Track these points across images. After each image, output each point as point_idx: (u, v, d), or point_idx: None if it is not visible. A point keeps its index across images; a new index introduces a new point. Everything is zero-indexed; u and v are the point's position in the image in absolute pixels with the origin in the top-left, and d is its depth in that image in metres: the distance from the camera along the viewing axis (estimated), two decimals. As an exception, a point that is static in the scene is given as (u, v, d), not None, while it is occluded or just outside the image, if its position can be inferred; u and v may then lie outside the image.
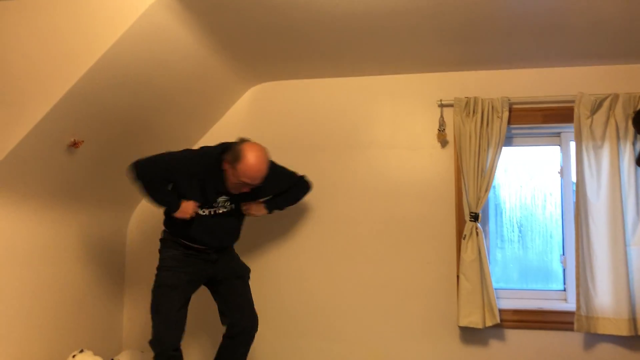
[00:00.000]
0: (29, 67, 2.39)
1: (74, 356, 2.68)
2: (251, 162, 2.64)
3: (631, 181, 3.04)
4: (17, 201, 2.65)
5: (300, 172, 3.47)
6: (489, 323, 3.10)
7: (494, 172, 3.15)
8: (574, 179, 3.18)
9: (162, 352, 2.74)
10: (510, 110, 3.19)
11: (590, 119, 3.09)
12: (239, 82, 3.45)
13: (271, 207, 3.06)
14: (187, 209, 2.76)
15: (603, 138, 3.08)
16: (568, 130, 3.28)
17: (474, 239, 3.13)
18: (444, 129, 3.31)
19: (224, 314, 2.99)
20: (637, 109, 3.03)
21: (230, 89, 3.45)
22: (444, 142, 3.34)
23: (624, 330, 2.94)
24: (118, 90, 2.65)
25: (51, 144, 2.57)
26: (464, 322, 3.12)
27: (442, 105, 3.32)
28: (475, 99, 3.20)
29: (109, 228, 3.43)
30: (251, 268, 3.42)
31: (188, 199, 2.76)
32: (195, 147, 3.58)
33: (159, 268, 2.85)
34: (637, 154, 3.05)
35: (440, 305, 3.25)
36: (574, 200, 3.13)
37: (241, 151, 2.65)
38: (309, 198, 3.42)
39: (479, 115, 3.18)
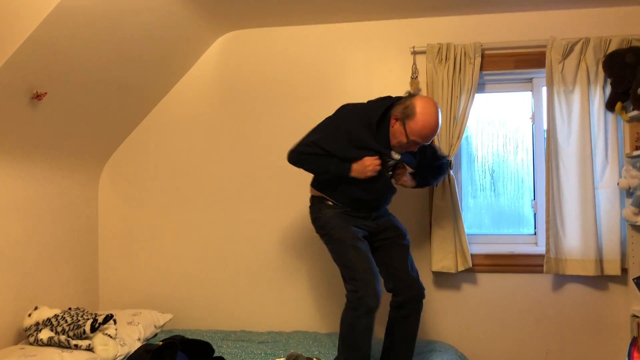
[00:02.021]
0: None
1: (30, 314, 2.66)
2: (425, 119, 2.41)
3: (600, 125, 3.07)
4: (-19, 156, 2.59)
5: (273, 122, 3.44)
6: (461, 268, 3.16)
7: (466, 119, 3.15)
8: (545, 124, 3.19)
9: (377, 303, 2.41)
10: (482, 56, 3.17)
11: (561, 64, 3.09)
12: (207, 30, 3.36)
13: (419, 182, 2.78)
14: (365, 166, 2.51)
15: (574, 83, 3.09)
16: (540, 75, 3.27)
17: (447, 186, 3.16)
18: (417, 77, 3.29)
19: (387, 279, 2.64)
20: (608, 52, 3.03)
21: (198, 37, 3.36)
22: (417, 90, 3.31)
23: (591, 271, 3.03)
24: (80, 40, 2.56)
25: (13, 97, 2.49)
26: (437, 267, 3.18)
27: (414, 52, 3.29)
28: (448, 45, 3.18)
29: (80, 182, 3.38)
30: (225, 220, 3.42)
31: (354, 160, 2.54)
32: (164, 98, 3.55)
33: (326, 233, 2.62)
34: (607, 98, 3.07)
35: (413, 252, 3.25)
36: (545, 145, 3.16)
37: (414, 107, 2.43)
38: (284, 150, 3.40)
39: (452, 61, 3.16)
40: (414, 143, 2.50)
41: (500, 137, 3.42)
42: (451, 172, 3.16)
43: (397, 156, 2.60)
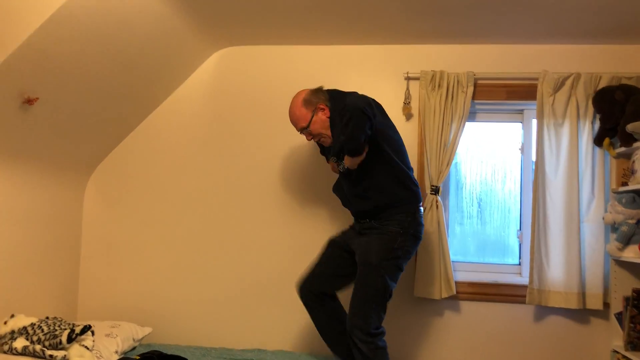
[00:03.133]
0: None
1: (5, 322, 2.61)
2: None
3: (588, 159, 3.10)
4: (-33, 158, 2.56)
5: (264, 139, 3.43)
6: (445, 294, 3.15)
7: (456, 146, 3.18)
8: (534, 156, 3.22)
9: (299, 293, 2.77)
10: (474, 86, 3.21)
11: (552, 97, 3.14)
12: (205, 44, 3.37)
13: (335, 154, 2.69)
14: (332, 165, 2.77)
15: (564, 116, 3.13)
16: (531, 107, 3.31)
17: (434, 212, 3.17)
18: (410, 102, 3.31)
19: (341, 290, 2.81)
20: (598, 89, 3.08)
21: (195, 50, 3.37)
22: (408, 115, 3.34)
23: (573, 303, 3.04)
24: (75, 47, 2.56)
25: (3, 101, 2.47)
26: (421, 293, 3.17)
27: (408, 78, 3.32)
28: (442, 72, 3.21)
29: (66, 189, 3.34)
30: (208, 232, 3.40)
31: None
32: (156, 109, 3.55)
33: None
34: (595, 133, 3.11)
35: (398, 276, 3.29)
36: (533, 176, 3.18)
37: None
38: (281, 171, 3.40)
39: (444, 89, 3.19)
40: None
41: (489, 165, 3.45)
42: (439, 198, 3.17)
43: (332, 156, 2.74)
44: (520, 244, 3.37)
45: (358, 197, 2.68)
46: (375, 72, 3.39)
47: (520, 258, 3.36)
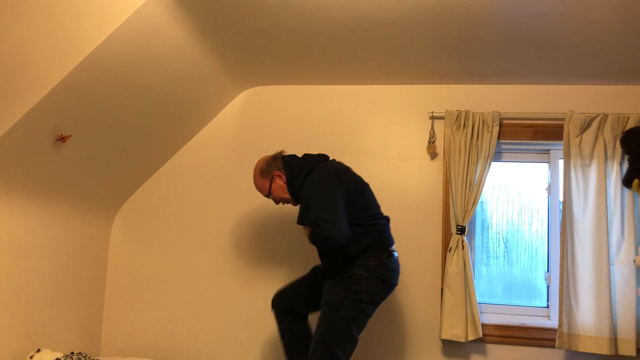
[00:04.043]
0: (19, 58, 2.36)
1: (31, 357, 2.62)
2: None
3: (617, 201, 3.05)
4: (1, 194, 2.61)
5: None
6: (471, 337, 3.09)
7: (482, 186, 3.16)
8: (561, 196, 3.19)
9: (272, 302, 2.88)
10: (500, 125, 3.21)
11: (579, 138, 3.12)
12: (232, 84, 3.44)
13: (311, 239, 2.64)
14: None
15: (591, 157, 3.10)
16: (557, 147, 3.29)
17: (460, 252, 3.13)
18: (434, 141, 3.32)
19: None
20: (626, 129, 3.05)
21: (222, 90, 3.44)
22: (433, 154, 3.35)
23: (604, 349, 2.94)
24: (108, 87, 2.63)
25: (38, 137, 2.54)
26: (447, 335, 3.11)
27: (433, 118, 3.33)
28: (467, 112, 3.22)
29: (93, 225, 3.39)
30: (235, 270, 3.40)
31: None
32: (183, 148, 3.61)
33: None
34: (624, 174, 3.07)
35: (423, 318, 3.24)
36: (561, 217, 3.14)
37: None
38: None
39: (470, 128, 3.19)
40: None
41: (515, 205, 3.42)
42: (465, 238, 3.14)
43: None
44: (548, 286, 3.30)
45: (328, 253, 2.72)
46: (400, 111, 3.42)
47: (548, 300, 3.29)
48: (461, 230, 3.14)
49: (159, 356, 3.33)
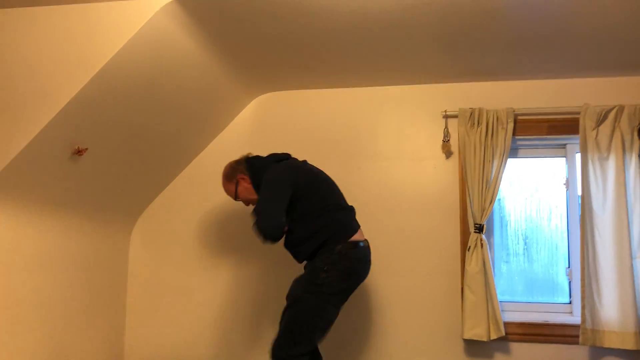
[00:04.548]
0: (33, 74, 2.40)
1: None
2: None
3: (637, 193, 3.02)
4: (21, 208, 2.65)
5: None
6: (493, 336, 3.06)
7: (499, 183, 3.14)
8: (579, 190, 3.15)
9: None
10: (515, 122, 3.19)
11: (595, 131, 3.08)
12: (244, 91, 3.46)
13: None
14: None
15: (609, 150, 3.07)
16: (573, 141, 3.26)
17: (479, 251, 3.11)
18: (449, 140, 3.30)
19: None
20: (643, 120, 3.02)
21: (235, 98, 3.45)
22: (448, 153, 3.33)
23: (629, 344, 2.90)
24: (122, 98, 2.66)
25: (55, 151, 2.57)
26: (469, 335, 3.09)
27: (446, 116, 3.32)
28: (480, 109, 3.20)
29: (112, 236, 3.42)
30: (254, 279, 3.40)
31: None
32: (198, 156, 3.63)
33: None
34: (643, 165, 3.03)
35: (444, 318, 3.22)
36: (580, 212, 3.11)
37: None
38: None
39: (484, 126, 3.17)
40: None
41: (533, 202, 3.39)
42: (483, 236, 3.12)
43: None
44: (570, 282, 3.26)
45: (294, 251, 2.77)
46: (413, 111, 3.41)
47: (570, 296, 3.25)
48: (479, 229, 3.12)
49: (181, 364, 3.35)
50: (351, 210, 2.79)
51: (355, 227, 2.74)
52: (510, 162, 3.31)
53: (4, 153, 2.41)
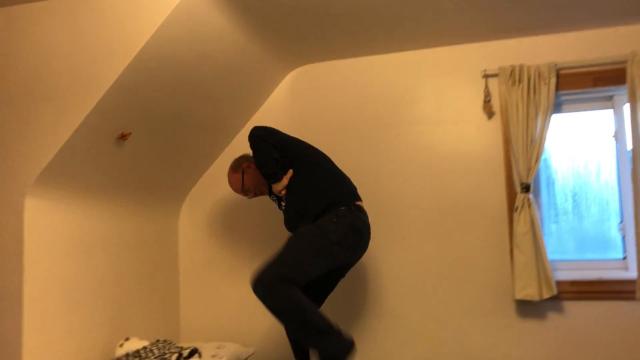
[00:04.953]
0: (73, 62, 2.46)
1: (121, 345, 2.76)
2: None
3: (692, 141, 2.90)
4: (74, 194, 2.74)
5: (345, 153, 3.44)
6: (545, 295, 3.02)
7: (544, 140, 3.06)
8: (629, 142, 3.05)
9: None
10: (558, 76, 3.09)
11: (644, 79, 2.96)
12: (278, 66, 3.45)
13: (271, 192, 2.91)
14: None
15: (659, 98, 2.95)
16: (621, 92, 3.14)
17: (526, 211, 3.06)
18: (490, 100, 3.23)
19: None
20: (695, 65, 2.88)
21: (270, 73, 3.46)
22: (490, 114, 3.26)
23: (690, 297, 2.83)
24: (160, 82, 2.69)
25: (100, 138, 2.64)
26: (520, 295, 3.06)
27: (486, 76, 3.25)
28: (521, 66, 3.11)
29: (161, 217, 3.52)
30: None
31: None
32: (238, 135, 3.66)
33: None
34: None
35: (494, 280, 3.20)
36: (631, 164, 3.01)
37: None
38: (355, 180, 3.42)
39: (525, 83, 3.09)
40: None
41: (581, 157, 3.29)
42: (530, 196, 3.06)
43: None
44: (623, 237, 3.18)
45: (296, 221, 2.74)
46: (451, 73, 3.34)
47: (625, 252, 3.17)
48: (526, 188, 3.06)
49: (237, 339, 3.44)
50: (351, 182, 2.86)
51: (359, 196, 2.80)
52: (555, 117, 3.22)
53: (52, 142, 2.49)
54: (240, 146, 3.63)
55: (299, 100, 3.58)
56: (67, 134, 2.46)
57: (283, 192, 2.80)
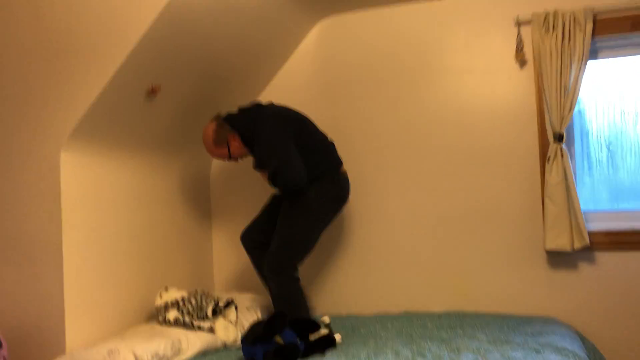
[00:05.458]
0: (101, 16, 2.46)
1: (160, 295, 2.85)
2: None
3: None
4: (107, 149, 2.80)
5: (374, 104, 3.41)
6: (577, 245, 3.00)
7: (579, 88, 2.98)
8: (668, 90, 2.96)
9: (241, 240, 3.19)
10: (594, 21, 2.98)
11: (686, 22, 2.85)
12: (306, 16, 3.41)
13: (269, 180, 2.97)
14: None
15: (701, 42, 2.84)
16: (661, 37, 3.03)
17: (559, 161, 3.01)
18: (522, 48, 3.15)
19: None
20: None
21: (297, 24, 3.42)
22: (522, 62, 3.19)
23: None
24: (188, 34, 2.69)
25: (130, 93, 2.67)
26: (551, 246, 3.04)
27: (518, 23, 3.15)
28: (555, 12, 3.01)
29: (194, 170, 3.57)
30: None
31: None
32: (266, 88, 3.65)
33: None
34: None
35: (525, 231, 3.18)
36: (669, 112, 2.93)
37: None
38: (386, 132, 3.40)
39: (560, 29, 2.99)
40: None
41: (617, 106, 3.20)
42: (563, 146, 3.01)
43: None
44: (659, 187, 3.12)
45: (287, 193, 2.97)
46: (482, 21, 3.25)
47: (660, 202, 3.12)
48: (559, 138, 3.01)
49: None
50: (333, 144, 3.12)
51: (340, 159, 3.10)
52: (590, 64, 3.12)
53: (84, 97, 2.52)
54: (270, 96, 3.62)
55: (326, 52, 3.54)
56: (98, 89, 2.49)
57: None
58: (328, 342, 2.63)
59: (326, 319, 2.75)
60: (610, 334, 3.04)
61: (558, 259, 3.13)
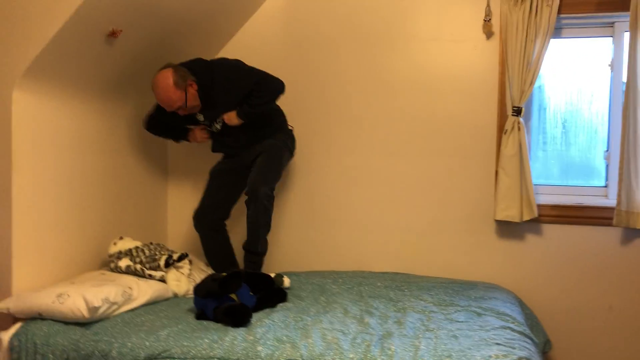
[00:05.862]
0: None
1: (115, 243, 2.83)
2: (155, 93, 2.88)
3: (687, 74, 2.89)
4: (62, 92, 2.71)
5: (338, 66, 3.40)
6: (526, 217, 3.11)
7: (540, 64, 3.04)
8: (624, 73, 3.04)
9: (196, 226, 3.17)
10: (561, -2, 3.03)
11: (648, 6, 2.91)
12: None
13: (241, 113, 2.98)
14: (196, 136, 3.20)
15: (660, 27, 2.91)
16: (623, 19, 3.09)
17: (515, 134, 3.08)
18: (490, 19, 3.17)
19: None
20: (701, -6, 2.83)
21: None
22: (489, 34, 3.21)
23: (663, 226, 2.92)
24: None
25: (90, 33, 2.58)
26: (501, 216, 3.14)
27: (488, -6, 3.17)
28: (525, -15, 3.03)
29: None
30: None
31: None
32: (229, 42, 3.58)
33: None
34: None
35: (477, 200, 3.26)
36: (623, 95, 3.01)
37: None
38: (347, 94, 3.39)
39: (528, 3, 3.02)
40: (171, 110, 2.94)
41: (575, 85, 3.28)
42: (521, 119, 3.08)
43: (202, 119, 3.10)
44: (607, 165, 3.24)
45: (251, 141, 3.10)
46: (453, -11, 3.25)
47: (607, 180, 3.24)
48: (517, 112, 3.07)
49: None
50: None
51: None
52: (553, 43, 3.18)
53: (40, 36, 2.43)
54: (233, 51, 3.55)
55: (293, 9, 3.48)
56: (56, 27, 2.40)
57: (237, 122, 3.01)
58: (280, 297, 2.67)
59: (287, 282, 2.79)
60: (549, 302, 3.18)
61: (506, 228, 3.24)
